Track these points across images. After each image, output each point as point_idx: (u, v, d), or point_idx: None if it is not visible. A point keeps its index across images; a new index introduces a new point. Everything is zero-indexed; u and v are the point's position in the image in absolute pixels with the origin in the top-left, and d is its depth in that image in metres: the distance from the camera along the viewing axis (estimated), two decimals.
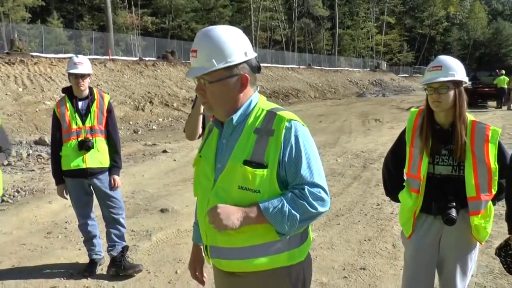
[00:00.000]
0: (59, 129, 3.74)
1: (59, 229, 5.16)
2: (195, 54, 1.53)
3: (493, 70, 23.74)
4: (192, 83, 5.14)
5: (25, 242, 4.76)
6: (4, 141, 3.58)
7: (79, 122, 3.71)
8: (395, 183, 2.57)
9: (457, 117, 2.27)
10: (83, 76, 3.69)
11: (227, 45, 1.50)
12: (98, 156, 3.77)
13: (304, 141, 1.54)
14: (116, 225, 3.92)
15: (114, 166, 3.88)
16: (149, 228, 5.13)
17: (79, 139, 3.69)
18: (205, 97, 1.57)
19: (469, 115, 2.33)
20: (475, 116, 2.38)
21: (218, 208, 1.48)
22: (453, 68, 2.29)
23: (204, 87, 1.55)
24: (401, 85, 46.50)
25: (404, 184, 2.49)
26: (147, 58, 24.91)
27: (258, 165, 1.50)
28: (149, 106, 18.34)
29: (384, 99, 30.22)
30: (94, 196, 3.94)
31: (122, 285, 3.74)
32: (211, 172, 1.62)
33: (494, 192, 2.26)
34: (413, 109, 2.52)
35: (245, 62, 1.55)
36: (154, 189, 6.96)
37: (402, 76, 55.16)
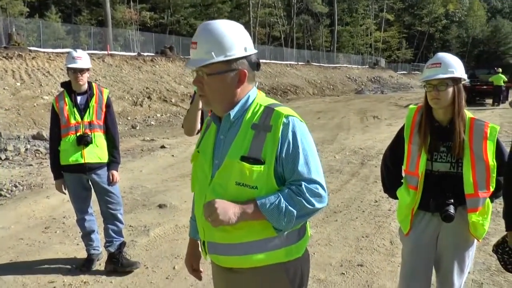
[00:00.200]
0: (58, 124, 3.73)
1: (57, 224, 5.16)
2: (195, 46, 1.53)
3: (492, 68, 23.88)
4: (191, 79, 5.11)
5: (23, 237, 4.76)
6: None
7: (78, 117, 3.70)
8: (393, 180, 2.57)
9: (456, 114, 2.27)
10: (82, 71, 3.68)
11: (227, 39, 1.50)
12: (97, 151, 3.76)
13: (302, 137, 1.53)
14: (114, 221, 3.92)
15: (113, 162, 3.88)
16: (147, 224, 5.13)
17: (78, 134, 3.68)
18: (203, 90, 1.57)
19: (468, 112, 2.34)
20: (473, 114, 2.38)
21: (216, 203, 1.47)
22: (452, 65, 2.29)
23: (202, 80, 1.55)
24: (400, 82, 46.47)
25: (402, 181, 2.49)
26: (146, 54, 24.76)
27: (256, 161, 1.50)
28: (148, 102, 18.30)
29: (383, 96, 30.19)
30: (93, 191, 3.93)
31: (120, 281, 3.74)
32: (209, 168, 1.62)
33: (492, 189, 2.27)
34: (412, 106, 2.52)
35: (245, 58, 1.54)
36: (152, 185, 6.95)
37: (401, 73, 55.07)
